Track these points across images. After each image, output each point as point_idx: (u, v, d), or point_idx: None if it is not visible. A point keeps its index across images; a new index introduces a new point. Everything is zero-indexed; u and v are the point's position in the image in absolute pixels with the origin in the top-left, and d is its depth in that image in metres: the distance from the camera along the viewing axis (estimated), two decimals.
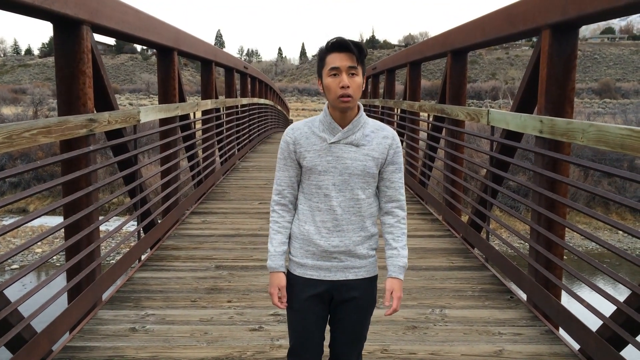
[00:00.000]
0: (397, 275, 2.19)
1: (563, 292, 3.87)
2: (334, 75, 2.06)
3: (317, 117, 2.20)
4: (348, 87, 2.04)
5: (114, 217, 4.57)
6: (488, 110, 5.07)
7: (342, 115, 2.13)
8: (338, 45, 2.05)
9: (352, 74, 2.06)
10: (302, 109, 62.44)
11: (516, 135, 4.76)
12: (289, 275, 2.25)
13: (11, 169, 2.98)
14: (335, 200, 2.14)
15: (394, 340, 3.43)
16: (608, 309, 3.09)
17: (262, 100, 16.59)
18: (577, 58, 4.15)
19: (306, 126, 2.19)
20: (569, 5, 3.75)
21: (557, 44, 4.05)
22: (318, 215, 2.16)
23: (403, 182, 2.24)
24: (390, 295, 2.18)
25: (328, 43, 2.09)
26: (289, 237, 2.25)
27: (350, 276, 2.18)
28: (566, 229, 3.99)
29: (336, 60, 2.05)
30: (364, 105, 14.66)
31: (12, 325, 2.85)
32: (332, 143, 2.13)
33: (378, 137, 2.17)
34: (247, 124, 13.39)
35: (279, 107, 24.20)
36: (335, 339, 2.28)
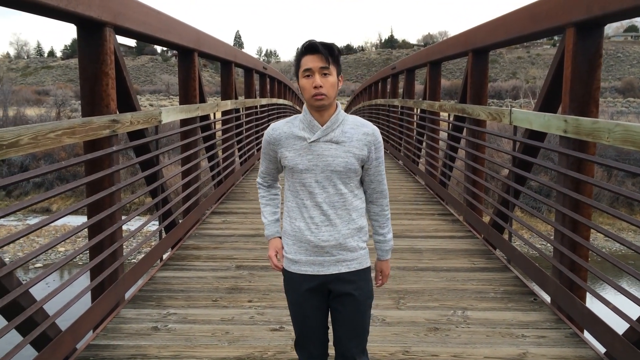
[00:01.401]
0: (385, 257, 2.43)
1: (587, 294, 3.80)
2: (308, 76, 2.15)
3: (298, 116, 2.29)
4: (321, 86, 2.12)
5: (136, 217, 4.60)
6: (510, 110, 5.02)
7: (319, 113, 2.19)
8: (310, 48, 2.14)
9: (325, 74, 2.14)
10: None
11: (539, 135, 4.70)
12: (285, 272, 2.33)
13: (36, 169, 3.02)
14: (320, 197, 2.21)
15: (416, 342, 3.40)
16: (634, 311, 3.03)
17: (280, 101, 16.64)
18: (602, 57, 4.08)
19: (286, 126, 2.26)
20: (594, 3, 3.69)
21: (582, 43, 3.99)
22: (306, 212, 2.23)
23: (384, 172, 2.35)
24: (380, 274, 2.44)
25: (301, 47, 2.18)
26: (283, 234, 2.35)
27: (343, 269, 2.25)
28: (591, 230, 3.92)
29: (308, 62, 2.14)
30: (383, 106, 14.62)
31: (38, 323, 2.90)
32: (312, 142, 2.19)
33: (358, 134, 2.22)
34: (266, 124, 13.42)
35: (297, 107, 24.24)
36: (338, 335, 2.32)
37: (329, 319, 2.36)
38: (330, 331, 2.37)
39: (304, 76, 2.15)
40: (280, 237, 2.39)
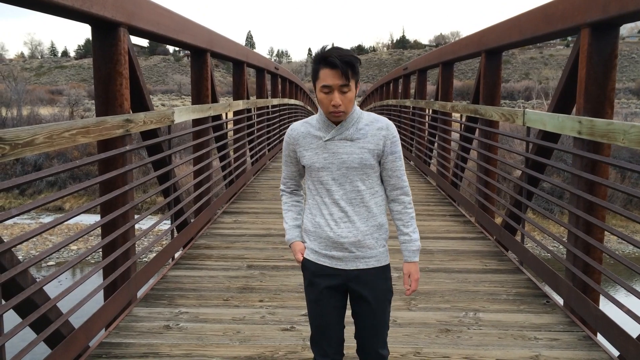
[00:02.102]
0: (412, 258, 2.32)
1: (601, 297, 3.77)
2: (326, 93, 2.12)
3: (315, 116, 2.30)
4: (340, 104, 2.12)
5: (148, 216, 4.63)
6: (524, 111, 4.98)
7: None
8: (330, 63, 2.08)
9: (344, 92, 2.12)
10: None
11: (553, 137, 4.67)
12: (305, 263, 2.34)
13: (51, 168, 3.05)
14: (337, 194, 2.22)
15: (427, 343, 3.39)
16: None
17: (292, 101, 16.66)
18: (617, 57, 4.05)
19: (303, 126, 2.30)
20: (611, 3, 3.65)
21: (597, 43, 3.95)
22: (325, 209, 2.25)
23: (404, 168, 2.32)
24: (409, 278, 2.34)
25: (320, 56, 2.12)
26: (304, 231, 2.37)
27: (361, 266, 2.25)
28: (604, 232, 3.89)
29: (328, 78, 2.10)
30: (395, 107, 14.59)
31: (51, 321, 2.92)
32: (327, 140, 2.21)
33: (372, 129, 2.22)
34: (277, 124, 13.45)
35: (308, 108, 24.26)
36: (359, 330, 2.36)
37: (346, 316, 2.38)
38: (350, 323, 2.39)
39: (322, 91, 2.13)
40: (302, 241, 2.40)
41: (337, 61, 2.06)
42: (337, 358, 2.36)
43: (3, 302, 2.54)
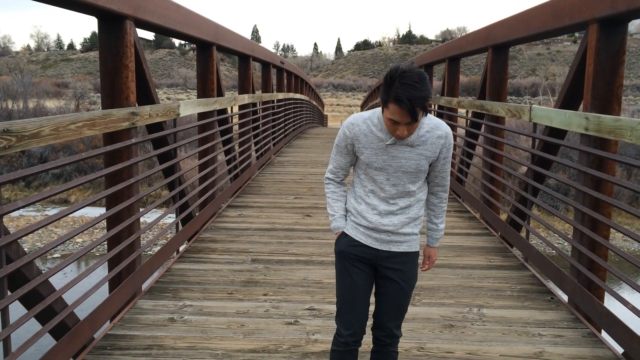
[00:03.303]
0: (435, 244, 2.59)
1: (606, 294, 3.76)
2: (393, 123, 2.17)
3: (377, 112, 2.32)
4: (405, 135, 2.20)
5: (153, 210, 4.64)
6: (530, 107, 4.96)
7: None
8: (401, 105, 2.08)
9: (411, 124, 2.17)
10: (337, 104, 62.32)
11: (559, 133, 4.64)
12: (343, 234, 2.49)
13: (57, 160, 3.06)
14: (388, 193, 2.36)
15: (431, 338, 3.39)
16: None
17: (297, 95, 16.64)
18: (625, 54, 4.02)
19: (365, 124, 2.34)
20: None
21: (605, 39, 3.93)
22: (372, 201, 2.38)
23: (450, 169, 2.46)
24: (428, 260, 2.60)
25: (393, 90, 2.08)
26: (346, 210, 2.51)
27: (394, 248, 2.40)
28: (610, 229, 3.87)
29: (396, 114, 2.13)
30: None
31: (57, 312, 2.94)
32: (388, 144, 2.29)
33: (432, 137, 2.31)
34: (282, 119, 13.44)
35: (314, 103, 24.23)
36: (379, 309, 2.48)
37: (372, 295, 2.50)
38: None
39: (389, 120, 2.17)
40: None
41: (406, 105, 2.07)
42: (359, 334, 2.46)
43: (9, 293, 2.56)
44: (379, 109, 2.29)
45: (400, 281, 2.41)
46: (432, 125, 2.31)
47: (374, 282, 2.49)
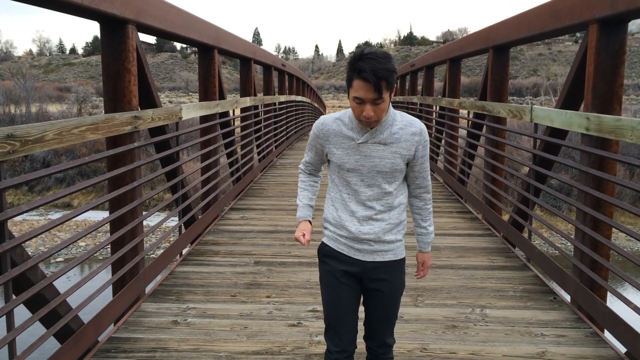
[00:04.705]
0: (427, 249, 2.46)
1: (608, 294, 3.76)
2: (358, 103, 2.08)
3: (347, 112, 2.24)
4: (371, 116, 2.09)
5: (156, 213, 4.65)
6: (531, 107, 4.97)
7: None
8: (364, 77, 2.01)
9: (377, 103, 2.06)
10: (339, 106, 62.28)
11: (560, 133, 4.65)
12: (323, 246, 2.36)
13: (59, 164, 3.07)
14: (364, 195, 2.24)
15: (434, 339, 3.40)
16: None
17: (299, 98, 16.66)
18: (625, 54, 4.03)
19: (335, 123, 2.26)
20: None
21: (605, 39, 3.94)
22: (349, 206, 2.27)
23: (429, 168, 2.35)
24: (422, 266, 2.48)
25: (355, 66, 2.04)
26: (324, 220, 2.38)
27: (378, 258, 2.29)
28: (612, 229, 3.87)
29: (360, 90, 2.04)
30: (402, 103, 14.56)
31: (61, 315, 2.95)
32: (360, 143, 2.20)
33: (407, 134, 2.21)
34: (284, 121, 13.46)
35: (315, 105, 24.25)
36: (369, 319, 2.40)
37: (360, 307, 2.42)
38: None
39: (355, 101, 2.08)
40: (310, 222, 2.43)
41: (370, 77, 2.00)
42: (350, 349, 2.36)
43: (14, 296, 2.57)
44: (350, 110, 2.21)
45: (387, 290, 2.32)
46: (405, 122, 2.22)
47: (362, 293, 2.39)
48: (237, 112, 8.29)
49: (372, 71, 2.00)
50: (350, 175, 2.23)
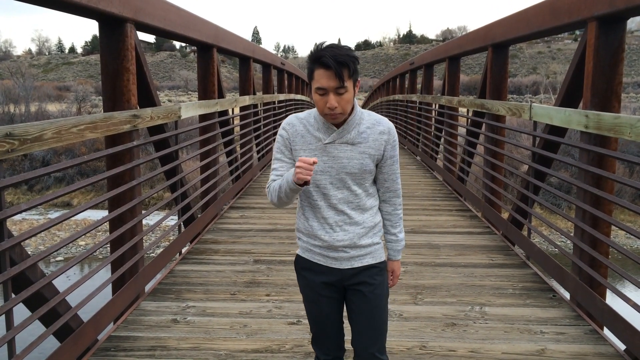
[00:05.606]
0: (397, 257, 2.35)
1: (607, 291, 3.77)
2: (321, 94, 2.01)
3: (313, 112, 2.17)
4: (335, 107, 2.01)
5: (155, 212, 4.66)
6: (530, 105, 4.97)
7: None
8: (324, 64, 1.96)
9: (340, 93, 1.99)
10: None
11: (559, 131, 4.65)
12: (299, 259, 2.29)
13: (59, 163, 3.07)
14: (335, 198, 2.15)
15: (433, 337, 3.40)
16: None
17: (298, 96, 16.65)
18: (624, 51, 4.03)
19: (301, 124, 2.17)
20: None
21: (604, 37, 3.94)
22: (320, 212, 2.17)
23: (399, 171, 2.27)
24: (391, 275, 2.36)
25: (314, 55, 1.99)
26: (297, 231, 2.30)
27: (357, 264, 2.20)
28: (611, 226, 3.88)
29: (322, 79, 1.98)
30: (402, 101, 14.56)
31: (60, 314, 2.96)
32: (327, 143, 2.12)
33: (374, 134, 2.14)
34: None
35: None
36: (355, 333, 2.26)
37: (344, 314, 2.34)
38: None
39: (317, 93, 2.01)
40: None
41: (331, 62, 1.94)
42: (339, 354, 2.34)
43: (13, 295, 2.57)
44: (314, 110, 2.14)
45: (368, 293, 2.19)
46: (372, 121, 2.15)
47: (344, 303, 2.29)
48: (237, 110, 8.29)
49: (332, 57, 1.94)
50: (319, 178, 2.13)
